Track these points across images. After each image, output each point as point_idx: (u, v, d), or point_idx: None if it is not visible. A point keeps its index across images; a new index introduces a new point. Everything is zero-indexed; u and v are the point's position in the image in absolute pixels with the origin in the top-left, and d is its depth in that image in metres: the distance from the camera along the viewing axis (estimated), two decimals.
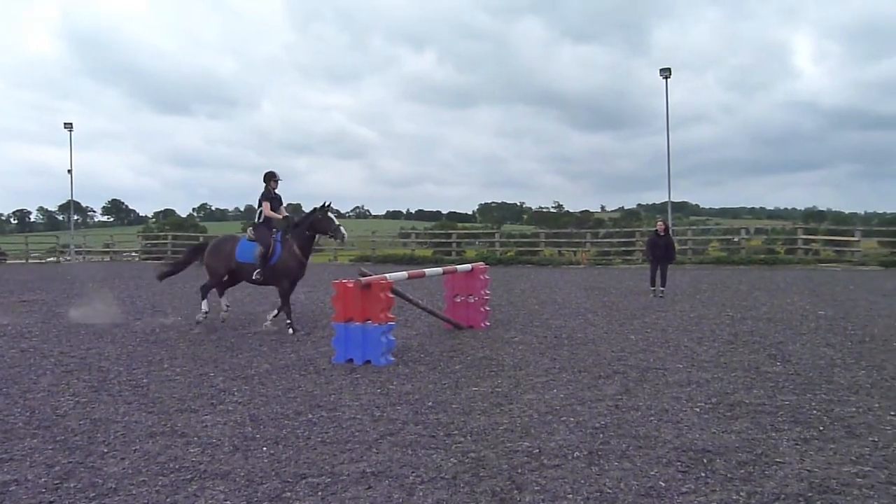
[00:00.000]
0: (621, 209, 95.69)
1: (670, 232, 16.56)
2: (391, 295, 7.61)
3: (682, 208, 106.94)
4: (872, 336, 8.83)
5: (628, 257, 28.99)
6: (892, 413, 5.28)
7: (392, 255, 30.47)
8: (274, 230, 9.99)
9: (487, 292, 10.12)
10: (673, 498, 3.70)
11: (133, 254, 40.07)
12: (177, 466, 4.27)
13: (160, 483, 4.01)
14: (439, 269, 9.67)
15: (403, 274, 8.52)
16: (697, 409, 5.44)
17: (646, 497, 3.72)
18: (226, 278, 10.42)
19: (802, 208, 73.66)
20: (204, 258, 10.47)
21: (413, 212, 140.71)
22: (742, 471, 4.09)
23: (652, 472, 4.07)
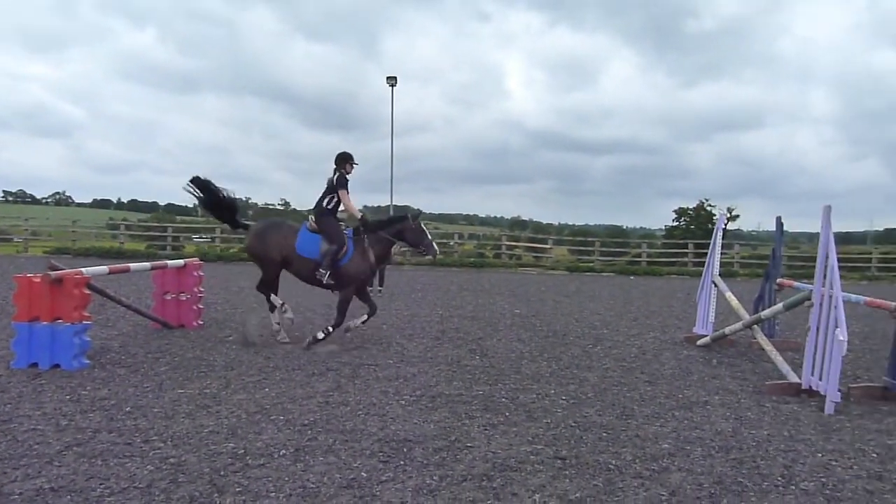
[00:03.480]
0: None
1: None
2: (87, 291, 6.90)
3: (404, 212, 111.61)
4: (555, 332, 10.08)
5: None
6: (564, 398, 6.08)
7: (96, 248, 27.48)
8: (342, 225, 8.47)
9: (201, 290, 9.65)
10: (373, 487, 3.87)
11: None
12: None
13: None
14: (147, 265, 8.98)
15: (104, 268, 7.78)
16: (402, 402, 5.74)
17: (347, 488, 3.84)
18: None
19: (509, 217, 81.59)
20: (251, 241, 8.42)
21: (125, 201, 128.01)
22: (437, 456, 4.42)
23: (355, 464, 4.22)
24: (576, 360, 7.85)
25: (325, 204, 8.28)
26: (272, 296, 8.51)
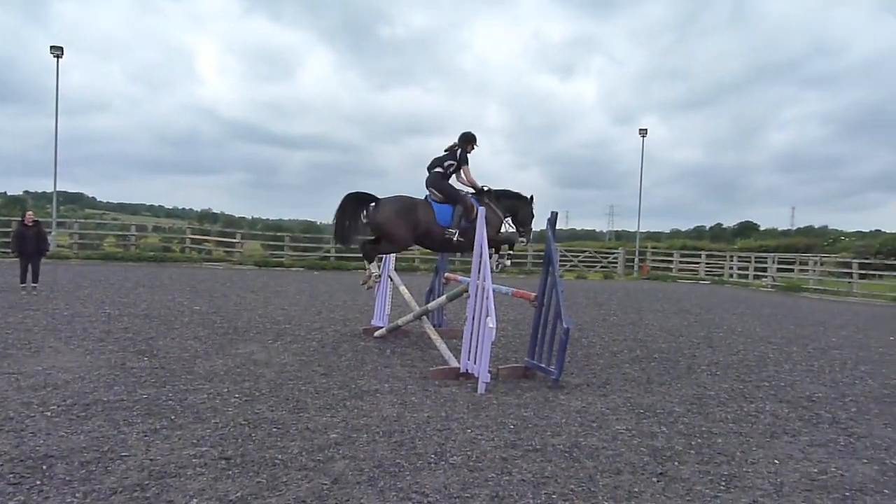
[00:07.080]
0: (5, 195, 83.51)
1: (55, 223, 15.27)
2: None
3: (77, 199, 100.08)
4: (235, 328, 9.81)
5: (5, 250, 25.58)
6: (237, 395, 5.93)
7: None
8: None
9: None
10: None
11: None
12: None
13: None
14: None
15: None
16: (48, 413, 5.11)
17: None
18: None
19: (199, 209, 77.71)
20: (378, 218, 8.34)
21: None
22: (84, 471, 4.00)
23: None
24: (253, 357, 7.71)
25: (446, 170, 8.71)
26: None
